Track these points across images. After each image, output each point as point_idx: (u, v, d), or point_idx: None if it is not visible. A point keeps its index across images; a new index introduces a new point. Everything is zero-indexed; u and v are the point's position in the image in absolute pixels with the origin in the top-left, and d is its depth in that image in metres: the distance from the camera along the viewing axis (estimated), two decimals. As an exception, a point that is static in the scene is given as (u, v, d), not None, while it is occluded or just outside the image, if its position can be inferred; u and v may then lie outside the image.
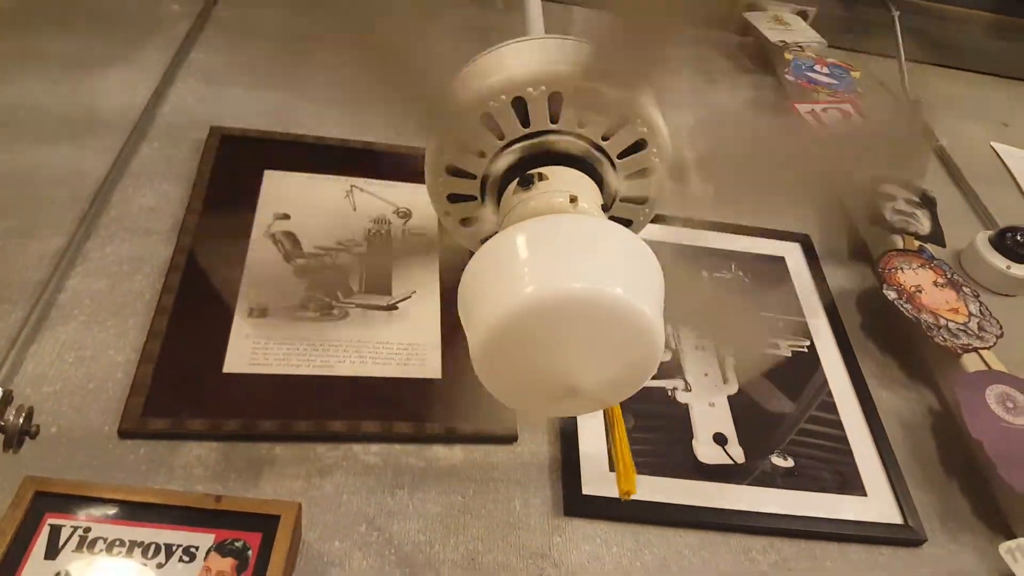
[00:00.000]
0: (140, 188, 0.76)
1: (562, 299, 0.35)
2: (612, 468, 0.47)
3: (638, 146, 0.45)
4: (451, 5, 1.06)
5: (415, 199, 0.79)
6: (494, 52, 0.45)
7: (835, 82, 1.01)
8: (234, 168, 0.78)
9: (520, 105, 0.43)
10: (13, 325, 0.62)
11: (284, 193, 0.77)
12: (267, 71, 0.92)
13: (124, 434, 0.58)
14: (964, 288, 0.78)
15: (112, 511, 0.48)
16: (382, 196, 0.79)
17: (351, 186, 0.79)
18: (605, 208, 0.45)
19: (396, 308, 0.70)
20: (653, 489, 0.60)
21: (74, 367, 0.61)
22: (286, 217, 0.74)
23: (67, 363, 0.61)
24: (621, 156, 0.45)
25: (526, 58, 0.43)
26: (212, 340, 0.63)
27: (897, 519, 0.63)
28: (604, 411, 0.45)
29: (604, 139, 0.44)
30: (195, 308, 0.65)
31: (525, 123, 0.44)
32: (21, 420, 0.46)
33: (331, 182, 0.79)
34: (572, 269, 0.36)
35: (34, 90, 0.83)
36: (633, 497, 0.59)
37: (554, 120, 0.44)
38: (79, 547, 0.47)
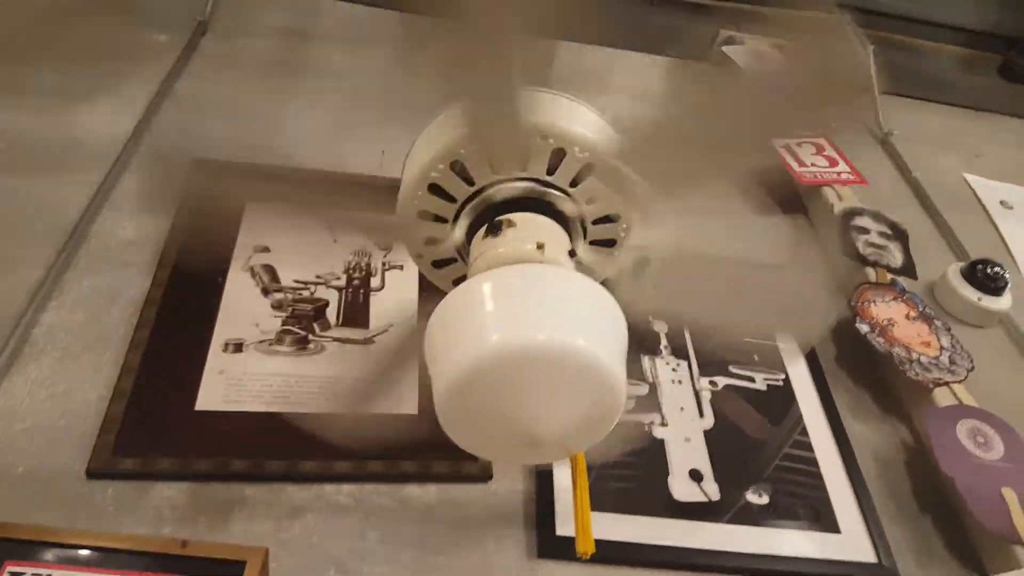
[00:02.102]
0: (120, 220, 0.76)
1: (525, 350, 0.36)
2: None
3: (610, 218, 0.46)
4: (434, 38, 1.08)
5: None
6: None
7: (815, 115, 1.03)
8: (215, 200, 0.78)
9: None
10: (-15, 360, 0.62)
11: (265, 225, 0.77)
12: (252, 103, 0.93)
13: (92, 474, 0.57)
14: (936, 321, 0.79)
15: (76, 557, 0.48)
16: (364, 217, 0.79)
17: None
18: (573, 253, 0.46)
19: (373, 342, 0.70)
20: (628, 528, 0.60)
21: (45, 404, 0.61)
22: (266, 250, 0.75)
23: (38, 400, 0.61)
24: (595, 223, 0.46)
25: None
26: (186, 376, 0.63)
27: (871, 557, 0.63)
28: (571, 460, 0.45)
29: (572, 185, 0.45)
30: (170, 343, 0.65)
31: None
32: None
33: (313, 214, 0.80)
34: (535, 320, 0.37)
35: (15, 120, 0.83)
36: (608, 537, 0.59)
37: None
38: (42, 594, 0.46)
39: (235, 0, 1.07)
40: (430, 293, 0.49)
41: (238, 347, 0.66)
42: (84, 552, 0.47)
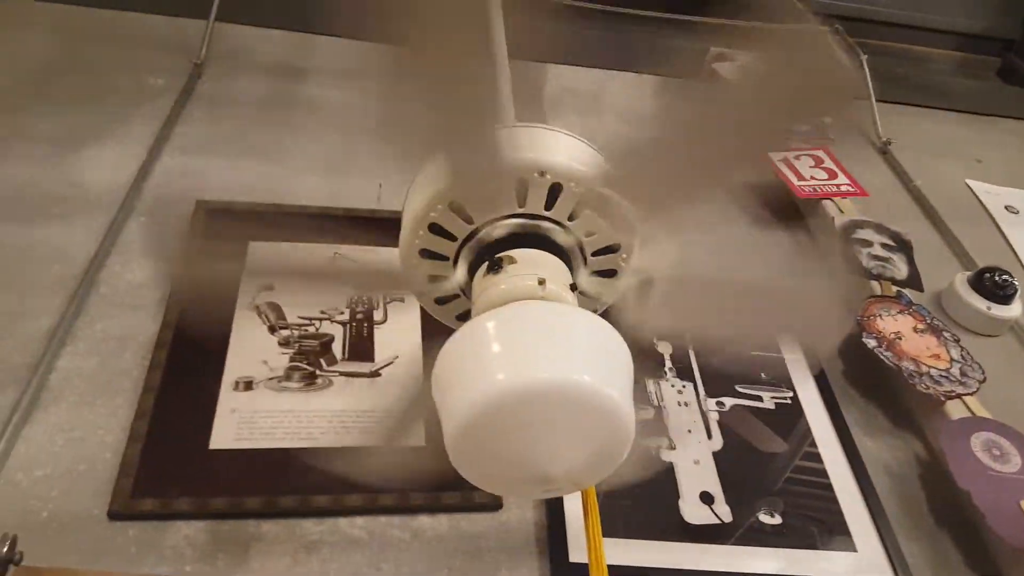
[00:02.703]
0: (128, 264, 0.77)
1: (530, 389, 0.36)
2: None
3: (612, 248, 0.47)
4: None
5: (398, 264, 0.80)
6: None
7: (806, 128, 1.03)
8: (219, 241, 0.79)
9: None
10: (4, 408, 0.62)
11: (268, 263, 0.78)
12: (250, 142, 0.95)
13: (113, 516, 0.58)
14: (944, 333, 0.79)
15: (98, 602, 0.48)
16: (365, 262, 0.80)
17: (334, 253, 0.81)
18: (574, 287, 0.46)
19: (379, 375, 0.71)
20: (640, 553, 0.61)
21: (64, 449, 0.62)
22: (270, 288, 0.76)
23: (58, 445, 0.62)
24: (595, 254, 0.47)
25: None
26: (199, 416, 0.64)
27: (888, 574, 0.63)
28: (581, 493, 0.46)
29: (588, 235, 0.46)
30: (182, 384, 0.66)
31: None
32: (5, 549, 0.47)
33: (315, 250, 0.81)
34: (540, 358, 0.37)
35: (22, 170, 0.85)
36: (620, 563, 0.59)
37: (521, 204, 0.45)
38: (64, 641, 0.47)
39: (228, 41, 1.09)
40: (433, 324, 0.50)
41: (248, 385, 0.67)
42: (105, 598, 0.48)
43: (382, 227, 0.82)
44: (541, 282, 0.44)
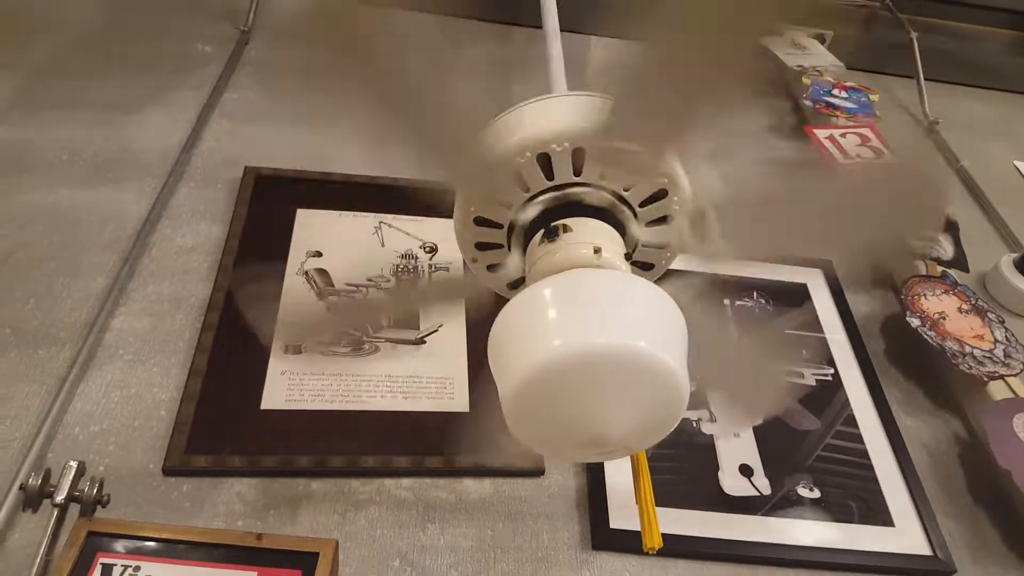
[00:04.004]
0: (179, 228, 0.79)
1: (588, 353, 0.37)
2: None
3: (659, 196, 0.46)
4: (472, 41, 1.09)
5: (441, 234, 0.81)
6: (518, 110, 0.46)
7: (853, 106, 1.02)
8: (268, 207, 0.81)
9: (545, 159, 0.45)
10: (62, 365, 0.65)
11: (316, 231, 0.79)
12: (297, 109, 0.96)
13: (168, 471, 0.60)
14: (989, 314, 0.78)
15: (160, 550, 0.50)
16: (409, 231, 0.81)
17: (380, 222, 0.82)
18: (628, 256, 0.47)
19: (424, 342, 0.72)
20: (680, 522, 0.62)
21: (120, 405, 0.64)
22: (318, 255, 0.77)
23: (113, 402, 0.64)
24: (642, 205, 0.46)
25: (552, 116, 0.45)
26: (250, 377, 0.66)
27: (926, 550, 0.63)
28: (631, 458, 0.47)
29: (625, 190, 0.46)
30: (233, 346, 0.68)
31: (549, 176, 0.46)
32: (95, 491, 0.49)
33: (360, 219, 0.82)
34: (597, 324, 0.38)
35: (76, 135, 0.86)
36: (660, 531, 0.60)
37: (577, 173, 0.45)
38: (130, 585, 0.49)
39: (275, 8, 1.09)
40: (475, 292, 0.51)
41: (297, 349, 0.69)
42: (168, 545, 0.50)
43: (427, 197, 0.84)
44: (597, 250, 0.44)
